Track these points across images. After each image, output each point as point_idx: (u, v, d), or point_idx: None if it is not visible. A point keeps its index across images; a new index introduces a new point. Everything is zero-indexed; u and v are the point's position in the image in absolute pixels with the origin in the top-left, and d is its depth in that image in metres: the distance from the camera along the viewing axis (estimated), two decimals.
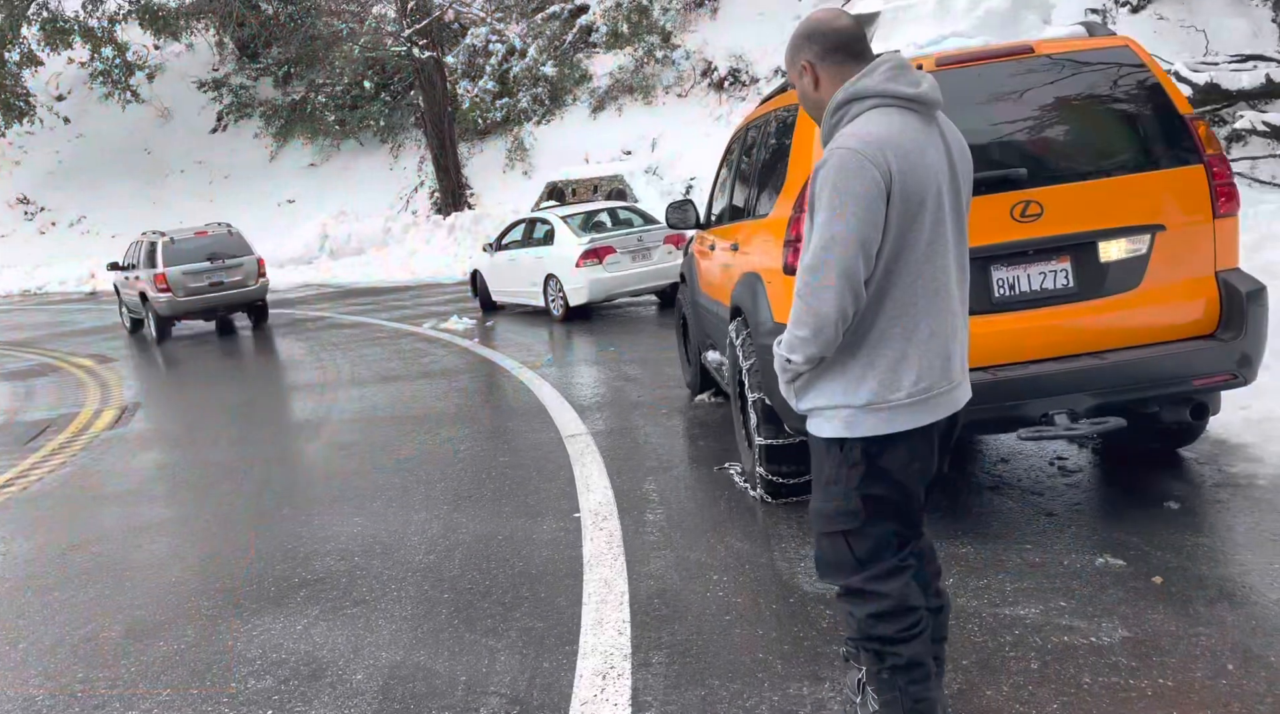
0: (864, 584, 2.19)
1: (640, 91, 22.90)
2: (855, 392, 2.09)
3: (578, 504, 4.57)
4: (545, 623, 3.33)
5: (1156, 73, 3.75)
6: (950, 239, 2.11)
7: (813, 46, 2.14)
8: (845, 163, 1.96)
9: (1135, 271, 3.62)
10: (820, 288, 1.99)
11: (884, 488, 2.15)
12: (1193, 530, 3.59)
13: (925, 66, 3.69)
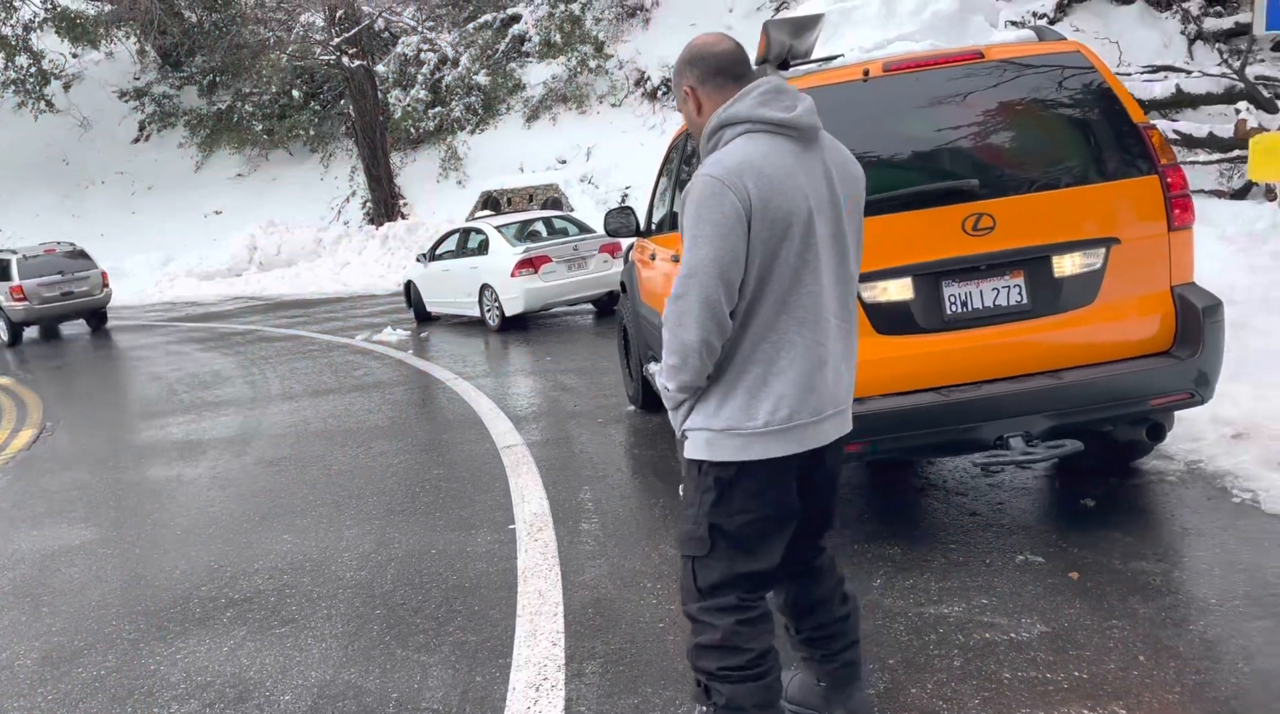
0: (699, 613, 2.16)
1: (574, 101, 22.92)
2: (715, 416, 2.07)
3: (513, 515, 4.55)
4: (479, 636, 3.31)
5: (1108, 79, 3.65)
6: (826, 266, 2.08)
7: (693, 71, 2.15)
8: (706, 190, 1.96)
9: (1090, 287, 3.51)
10: (683, 316, 1.99)
11: (730, 517, 2.10)
12: (1108, 526, 3.72)
13: (873, 72, 3.63)
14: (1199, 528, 3.61)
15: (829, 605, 2.37)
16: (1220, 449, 4.29)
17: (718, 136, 2.09)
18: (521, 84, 23.80)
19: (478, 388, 7.94)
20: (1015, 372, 3.50)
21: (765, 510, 2.11)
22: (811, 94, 3.60)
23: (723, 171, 1.97)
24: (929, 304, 3.45)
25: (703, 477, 2.12)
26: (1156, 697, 2.55)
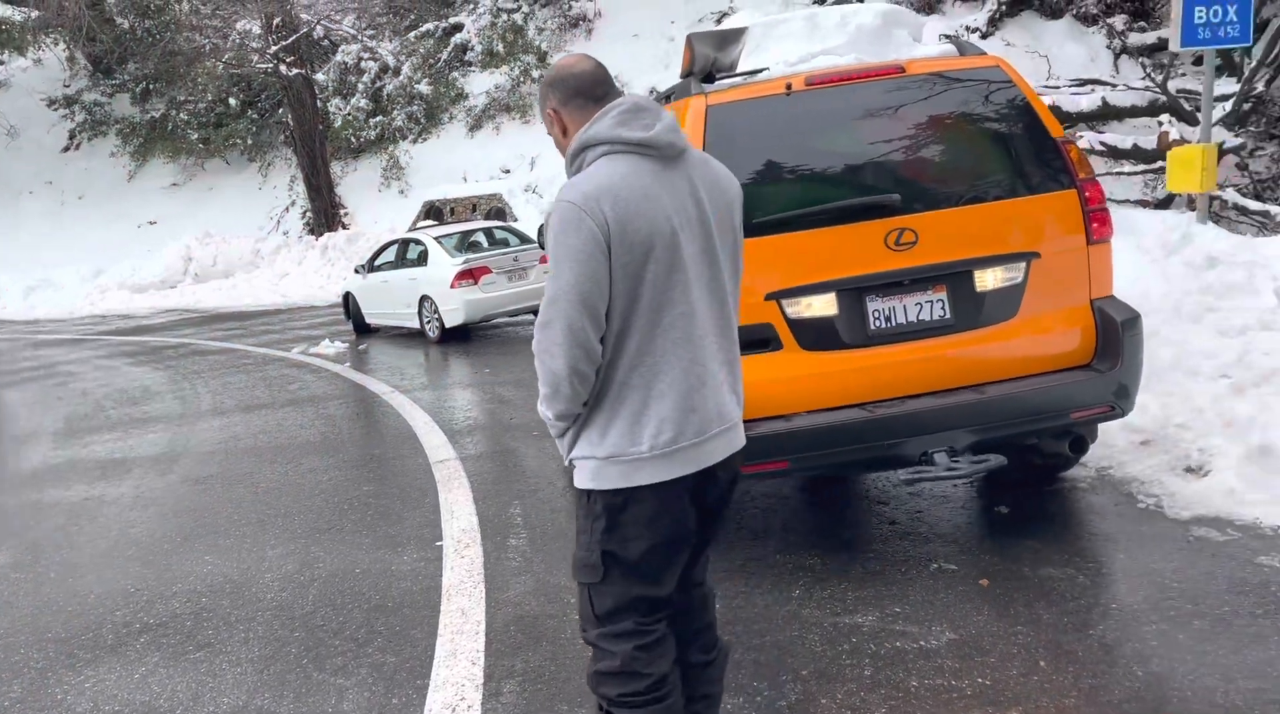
0: (597, 640, 2.15)
1: (518, 110, 22.87)
2: (599, 444, 2.05)
3: (441, 532, 4.53)
4: (398, 658, 3.29)
5: (1027, 93, 3.68)
6: (698, 284, 2.06)
7: (555, 93, 2.13)
8: (563, 217, 1.95)
9: (1011, 301, 3.53)
10: (549, 345, 1.97)
11: (623, 544, 2.07)
12: (1020, 533, 3.82)
13: (795, 86, 3.63)
14: (1105, 534, 3.72)
15: (686, 648, 2.29)
16: (1129, 456, 4.43)
17: (580, 159, 2.08)
18: (464, 93, 23.68)
19: (414, 401, 7.88)
20: (939, 386, 3.52)
21: (657, 536, 2.08)
22: (735, 108, 3.65)
23: (579, 197, 1.96)
24: (853, 319, 3.47)
25: (592, 505, 2.09)
26: (1054, 701, 2.63)
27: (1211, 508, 3.78)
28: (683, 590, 2.28)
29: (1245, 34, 8.02)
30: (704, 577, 2.37)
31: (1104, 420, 3.65)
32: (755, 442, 3.38)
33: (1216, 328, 5.17)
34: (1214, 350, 4.90)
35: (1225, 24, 8.02)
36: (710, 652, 2.34)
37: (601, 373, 2.03)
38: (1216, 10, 7.99)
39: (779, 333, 3.47)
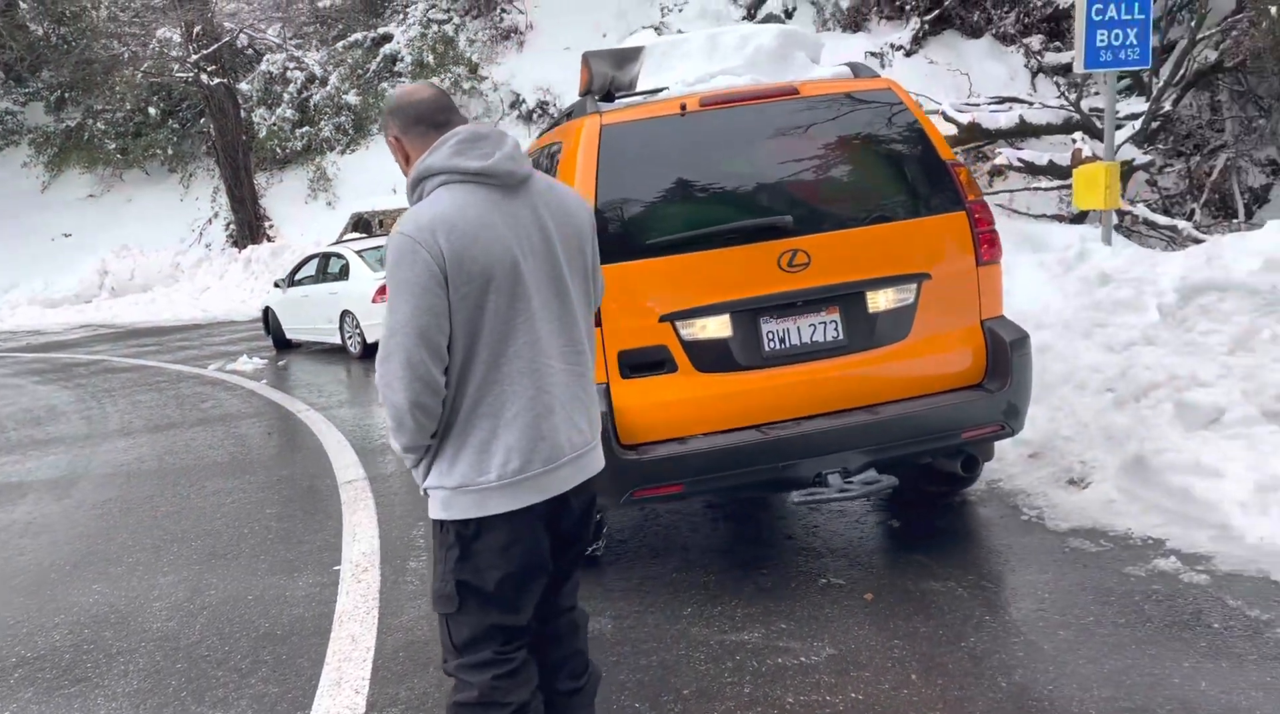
0: (456, 671, 2.14)
1: None
2: (448, 474, 2.04)
3: (341, 556, 4.47)
4: (281, 687, 3.23)
5: (918, 116, 3.73)
6: (544, 312, 2.06)
7: (395, 121, 2.12)
8: (398, 249, 1.94)
9: (903, 322, 3.57)
10: (391, 380, 1.96)
11: (477, 573, 2.06)
12: (908, 548, 3.91)
13: (690, 106, 3.62)
14: (988, 547, 3.84)
15: (554, 675, 2.29)
16: (1018, 469, 4.57)
17: (419, 188, 2.07)
18: None
19: (329, 419, 7.76)
20: (833, 407, 3.53)
21: (510, 565, 2.07)
22: (629, 128, 3.63)
23: (414, 228, 1.94)
24: (748, 341, 3.46)
25: (445, 534, 2.08)
26: (921, 709, 2.69)
27: (1089, 519, 3.92)
28: (549, 618, 2.28)
29: (1145, 57, 8.35)
30: (572, 602, 2.37)
31: (995, 439, 3.73)
32: (650, 465, 3.43)
33: (1105, 343, 5.36)
34: (1101, 365, 5.08)
35: (1125, 47, 8.34)
36: (580, 678, 2.33)
37: (448, 403, 2.02)
38: (1117, 34, 8.29)
39: (674, 355, 3.46)
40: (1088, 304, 6.05)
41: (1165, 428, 4.15)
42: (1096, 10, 8.03)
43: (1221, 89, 15.78)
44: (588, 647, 2.40)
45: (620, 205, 3.51)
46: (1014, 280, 7.77)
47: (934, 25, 19.35)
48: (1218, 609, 3.08)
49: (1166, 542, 3.61)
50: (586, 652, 2.39)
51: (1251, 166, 15.33)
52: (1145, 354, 4.86)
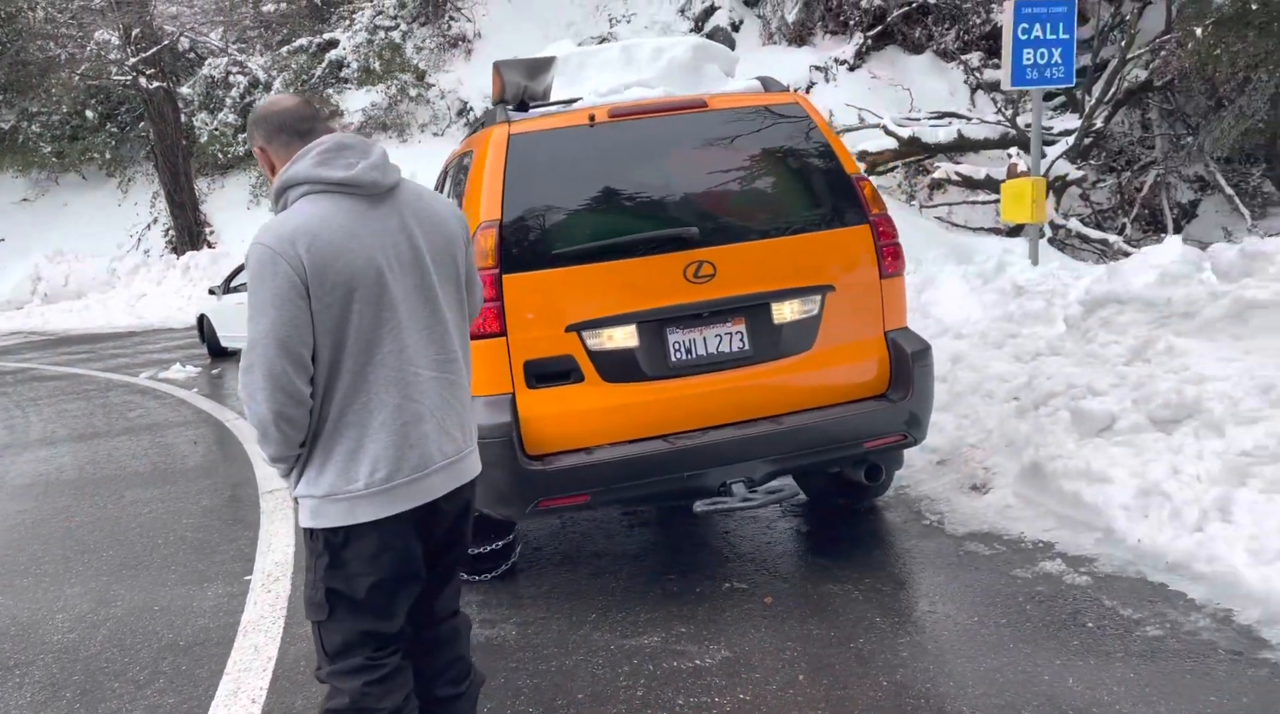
0: (329, 678, 2.15)
1: (394, 129, 22.61)
2: (316, 482, 2.06)
3: (254, 566, 4.44)
4: (177, 698, 3.22)
5: (824, 131, 3.80)
6: (411, 322, 2.08)
7: (259, 131, 2.14)
8: (259, 260, 1.95)
9: (808, 333, 3.62)
10: (254, 391, 1.97)
11: (347, 582, 2.08)
12: (812, 552, 4.01)
13: (599, 117, 3.66)
14: (888, 551, 3.94)
15: (435, 682, 2.30)
16: (925, 475, 4.70)
17: (283, 198, 2.08)
18: (339, 110, 23.24)
19: None
20: (739, 417, 3.56)
21: (381, 572, 2.09)
22: (537, 138, 3.64)
23: (274, 239, 1.96)
24: (654, 351, 3.48)
25: (314, 542, 2.10)
26: (803, 712, 2.77)
27: (986, 524, 4.05)
28: (428, 624, 2.30)
29: (1069, 76, 8.61)
30: (453, 608, 2.38)
31: (897, 449, 3.81)
32: (555, 475, 3.45)
33: (1014, 353, 5.52)
34: (1009, 374, 5.24)
35: (1051, 66, 8.59)
36: (460, 684, 2.34)
37: (315, 413, 2.04)
38: (1043, 53, 8.54)
39: (580, 365, 3.48)
40: (1002, 316, 6.23)
41: (1061, 435, 4.30)
42: (1023, 30, 8.27)
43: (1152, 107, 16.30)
44: (469, 653, 2.42)
45: (527, 215, 3.54)
46: (940, 292, 7.99)
47: (877, 41, 19.71)
48: (1094, 609, 3.21)
49: (1055, 545, 3.74)
50: (468, 657, 2.41)
51: (1180, 183, 15.84)
52: (1050, 364, 5.02)
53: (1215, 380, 4.10)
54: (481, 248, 3.38)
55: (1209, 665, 2.81)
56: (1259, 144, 14.87)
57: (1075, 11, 8.40)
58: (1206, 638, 2.95)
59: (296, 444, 2.04)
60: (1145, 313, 4.84)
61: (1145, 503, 3.68)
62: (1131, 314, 4.90)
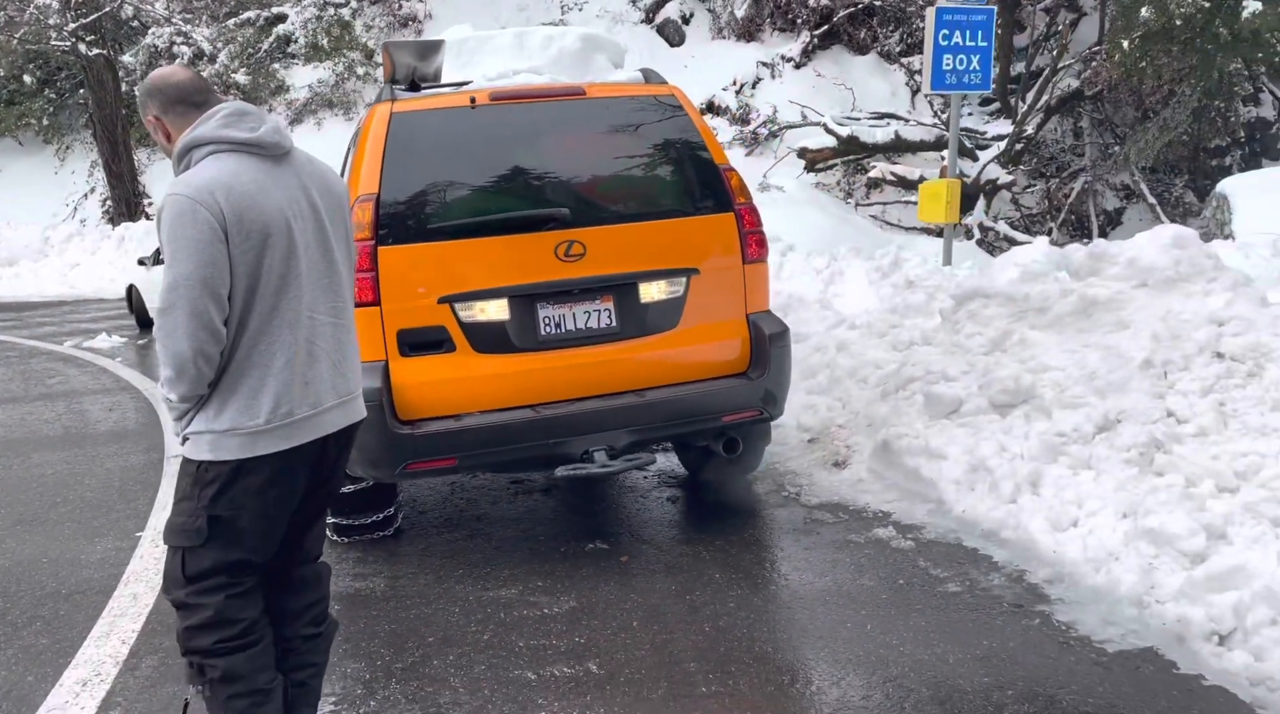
0: (187, 597, 2.26)
1: (341, 106, 22.48)
2: (216, 419, 2.20)
3: (146, 523, 4.60)
4: (51, 639, 3.40)
5: (697, 123, 3.98)
6: (312, 271, 2.27)
7: (155, 102, 2.29)
8: (178, 209, 2.10)
9: (673, 312, 3.82)
10: (173, 329, 2.10)
11: (233, 510, 2.22)
12: (675, 518, 4.30)
13: (479, 100, 3.81)
14: (744, 517, 4.24)
15: (296, 620, 2.45)
16: (796, 452, 5.01)
17: (187, 158, 2.23)
18: (285, 85, 23.06)
19: None
20: (604, 390, 3.76)
21: (266, 504, 2.25)
22: (419, 117, 3.82)
23: (193, 190, 2.11)
24: (524, 325, 3.65)
25: (203, 473, 2.22)
26: (628, 653, 3.05)
27: (838, 496, 4.37)
28: (294, 565, 2.45)
29: (985, 82, 8.97)
30: (318, 552, 2.54)
31: (754, 424, 4.05)
32: (424, 439, 3.66)
33: (892, 342, 5.86)
34: (884, 362, 5.57)
35: (969, 72, 8.92)
36: (320, 625, 2.51)
37: (224, 354, 2.18)
38: (962, 59, 8.87)
39: (452, 335, 3.66)
40: (890, 308, 6.57)
41: (914, 417, 4.63)
42: (944, 36, 8.58)
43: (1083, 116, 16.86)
44: (329, 597, 2.59)
45: (405, 190, 3.70)
46: (847, 285, 8.35)
47: (823, 40, 20.05)
48: (908, 569, 3.54)
49: (892, 515, 4.07)
50: (328, 600, 2.58)
51: (1107, 190, 16.44)
52: (919, 353, 5.36)
53: (1053, 369, 4.46)
54: (359, 220, 3.55)
55: (990, 616, 3.14)
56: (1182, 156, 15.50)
57: (994, 20, 8.75)
58: (996, 594, 3.29)
59: (207, 382, 2.17)
60: (1006, 307, 5.19)
61: (973, 477, 4.02)
62: (995, 308, 5.25)
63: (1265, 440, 3.40)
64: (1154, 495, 3.34)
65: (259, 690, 2.28)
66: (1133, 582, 3.10)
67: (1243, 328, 3.83)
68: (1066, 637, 2.98)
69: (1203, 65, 12.41)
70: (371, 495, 4.06)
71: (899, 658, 2.92)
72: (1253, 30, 11.55)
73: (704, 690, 2.81)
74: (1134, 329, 4.30)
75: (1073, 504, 3.57)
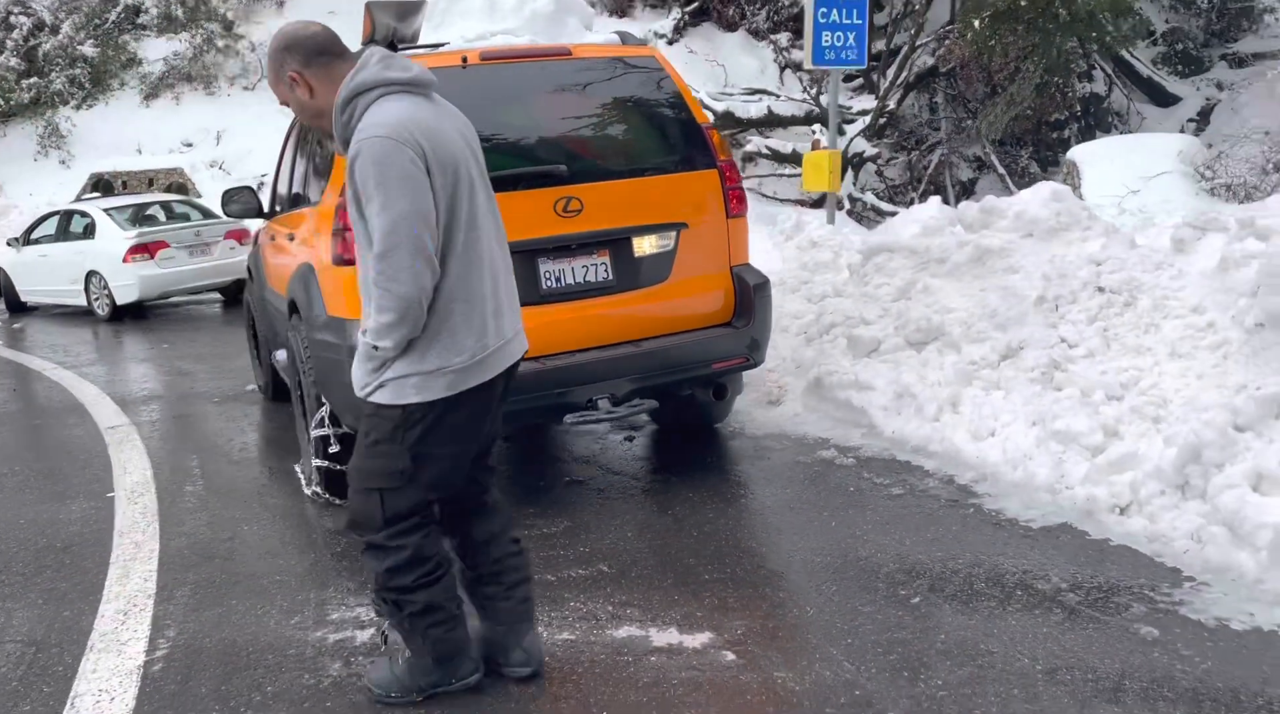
0: (386, 540, 2.33)
1: (200, 80, 21.56)
2: (423, 360, 2.21)
3: (113, 486, 4.66)
4: (69, 583, 3.51)
5: (678, 83, 4.12)
6: (486, 205, 2.32)
7: (295, 57, 2.26)
8: (381, 151, 2.08)
9: (664, 265, 3.94)
10: (396, 272, 2.09)
11: (441, 446, 2.29)
12: (640, 455, 4.72)
13: (470, 59, 3.85)
14: (700, 448, 4.68)
15: (501, 540, 2.56)
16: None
17: (352, 107, 2.20)
18: (137, 58, 21.92)
19: (81, 376, 7.60)
20: (603, 341, 3.86)
21: (469, 438, 2.33)
22: None
23: (389, 130, 2.10)
24: (527, 279, 3.62)
25: (407, 416, 2.24)
26: (630, 555, 3.45)
27: (778, 427, 4.88)
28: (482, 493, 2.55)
29: (861, 58, 9.60)
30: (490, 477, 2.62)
31: (740, 370, 4.25)
32: None
33: (806, 296, 6.42)
34: (801, 312, 6.12)
35: (846, 48, 9.52)
36: (518, 542, 2.64)
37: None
38: (840, 36, 9.46)
39: None
40: (799, 266, 7.14)
41: (839, 357, 5.18)
42: (823, 14, 9.14)
43: (938, 92, 18.02)
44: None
45: None
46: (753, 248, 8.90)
47: (694, 17, 20.57)
48: (856, 480, 4.07)
49: (831, 440, 4.60)
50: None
51: (961, 162, 17.66)
52: (833, 303, 5.92)
53: (957, 311, 5.08)
54: None
55: (932, 509, 3.70)
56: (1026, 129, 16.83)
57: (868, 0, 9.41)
58: (934, 493, 3.86)
59: (421, 324, 2.19)
60: (910, 259, 5.81)
61: (899, 403, 4.60)
62: (900, 260, 5.87)
63: (1141, 357, 4.09)
64: (1057, 405, 3.98)
65: (454, 617, 2.44)
66: (1046, 474, 3.72)
67: (1117, 266, 4.53)
68: (998, 520, 3.56)
69: (1044, 44, 13.54)
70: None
71: (864, 544, 3.43)
72: (1088, 11, 12.72)
73: (707, 578, 3.24)
74: (1025, 272, 4.96)
75: (989, 418, 4.18)
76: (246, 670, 2.80)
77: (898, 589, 3.07)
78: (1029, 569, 3.16)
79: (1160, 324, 4.21)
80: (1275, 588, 2.86)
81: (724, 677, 2.63)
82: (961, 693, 2.49)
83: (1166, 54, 17.54)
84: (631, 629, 2.92)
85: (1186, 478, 3.32)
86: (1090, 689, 2.47)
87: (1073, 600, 2.93)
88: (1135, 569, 3.11)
